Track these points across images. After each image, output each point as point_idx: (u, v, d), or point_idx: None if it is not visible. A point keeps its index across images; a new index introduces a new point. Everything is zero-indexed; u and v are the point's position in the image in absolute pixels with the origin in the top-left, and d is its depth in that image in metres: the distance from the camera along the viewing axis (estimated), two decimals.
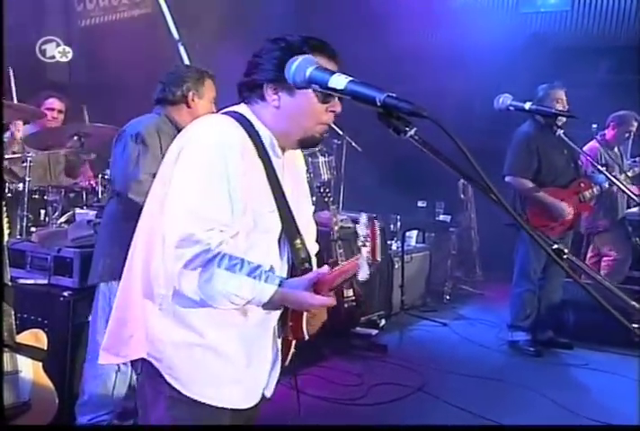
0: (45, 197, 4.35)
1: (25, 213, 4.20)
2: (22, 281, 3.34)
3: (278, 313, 1.89)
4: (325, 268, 1.80)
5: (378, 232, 1.79)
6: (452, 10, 8.04)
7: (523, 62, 7.50)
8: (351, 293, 4.97)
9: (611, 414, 3.98)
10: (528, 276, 5.19)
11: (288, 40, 1.80)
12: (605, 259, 6.10)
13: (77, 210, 3.76)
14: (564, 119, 5.00)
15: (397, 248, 5.97)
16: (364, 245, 1.74)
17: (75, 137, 4.42)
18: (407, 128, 1.30)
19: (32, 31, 8.33)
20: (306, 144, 1.88)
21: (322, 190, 5.03)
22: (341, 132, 6.35)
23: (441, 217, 6.90)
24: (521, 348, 5.17)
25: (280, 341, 1.96)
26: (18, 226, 4.19)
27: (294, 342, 1.99)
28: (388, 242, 5.93)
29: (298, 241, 1.87)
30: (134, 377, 3.28)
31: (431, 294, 6.45)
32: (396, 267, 5.80)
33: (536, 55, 7.57)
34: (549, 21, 8.33)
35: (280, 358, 1.98)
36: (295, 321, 1.88)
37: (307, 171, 5.79)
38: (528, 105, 2.16)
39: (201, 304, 1.73)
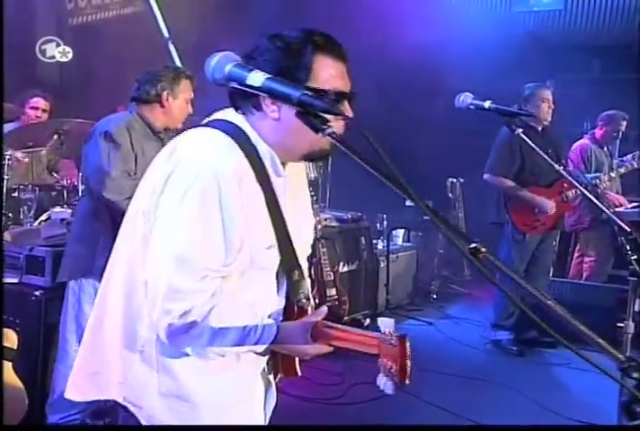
0: (28, 195, 4.34)
1: (4, 211, 4.19)
2: None
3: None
4: (324, 309, 1.68)
5: (409, 350, 1.56)
6: (444, 9, 8.02)
7: (517, 61, 7.49)
8: (333, 292, 4.96)
9: (593, 413, 3.97)
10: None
11: (288, 39, 1.56)
12: (586, 259, 6.10)
13: (54, 209, 3.74)
14: (549, 119, 5.15)
15: (383, 247, 5.96)
16: (389, 368, 1.56)
17: (56, 136, 4.42)
18: (325, 127, 1.26)
19: (25, 30, 8.34)
20: (313, 158, 1.67)
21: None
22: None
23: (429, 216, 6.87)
24: (504, 347, 5.17)
25: (271, 377, 1.82)
26: None
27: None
28: (374, 241, 5.92)
29: (297, 273, 1.70)
30: None
31: (417, 294, 6.44)
32: (382, 266, 5.79)
33: (529, 54, 7.56)
34: (543, 20, 8.32)
35: (273, 390, 1.85)
36: (287, 362, 1.76)
37: None
38: (487, 104, 2.15)
39: (187, 353, 1.59)
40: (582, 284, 5.82)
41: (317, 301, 4.91)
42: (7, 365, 3.10)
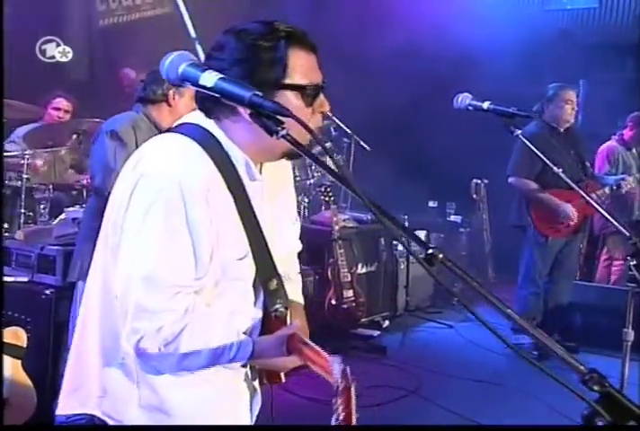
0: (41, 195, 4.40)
1: (22, 210, 4.26)
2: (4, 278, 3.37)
3: None
4: (295, 324, 1.65)
5: (353, 388, 1.44)
6: (475, 7, 7.93)
7: (548, 60, 7.39)
8: (350, 293, 4.93)
9: None
10: (532, 278, 5.10)
11: (257, 35, 1.46)
12: (615, 263, 5.96)
13: (68, 208, 3.78)
14: (572, 120, 5.05)
15: (403, 248, 5.90)
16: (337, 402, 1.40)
17: (75, 135, 4.47)
18: (279, 128, 1.22)
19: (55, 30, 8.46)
20: (292, 156, 1.58)
21: (323, 190, 5.00)
22: (349, 131, 6.31)
23: (452, 218, 6.81)
24: (525, 352, 5.06)
25: (256, 383, 1.76)
26: (16, 223, 4.26)
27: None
28: (394, 243, 5.87)
29: (274, 282, 1.64)
30: None
31: (439, 296, 6.36)
32: (402, 267, 5.74)
33: (561, 53, 7.44)
34: (576, 18, 8.20)
35: (258, 396, 1.79)
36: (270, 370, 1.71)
37: (315, 170, 5.76)
38: (486, 104, 2.09)
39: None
40: (609, 288, 5.69)
41: (334, 302, 4.89)
42: (17, 363, 3.14)
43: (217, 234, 1.49)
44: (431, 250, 1.08)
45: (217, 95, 1.28)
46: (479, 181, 6.93)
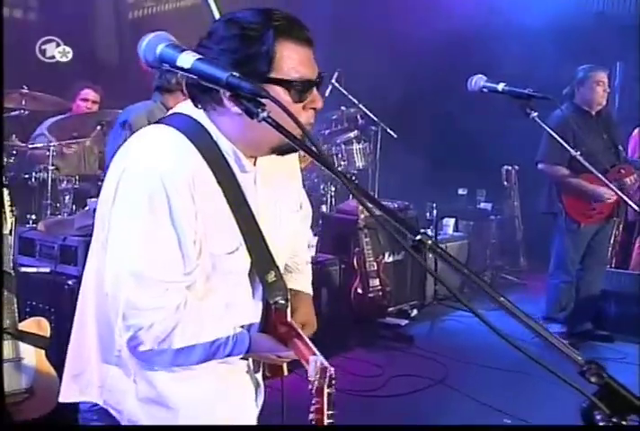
0: (73, 186, 4.44)
1: (49, 202, 4.29)
2: (25, 269, 3.41)
3: None
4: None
5: (328, 390, 1.46)
6: None
7: (585, 42, 7.21)
8: (376, 282, 4.89)
9: None
10: (564, 266, 5.00)
11: (244, 24, 1.40)
12: None
13: (91, 199, 3.80)
14: (604, 102, 4.91)
15: (432, 236, 5.83)
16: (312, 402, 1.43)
17: (99, 127, 4.49)
18: (259, 110, 1.17)
19: (87, 24, 8.54)
20: (282, 151, 1.52)
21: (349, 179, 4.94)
22: (376, 119, 6.26)
23: (482, 205, 6.71)
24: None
25: (258, 375, 1.74)
26: (42, 214, 4.31)
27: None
28: (422, 231, 5.81)
29: (272, 274, 1.59)
30: None
31: (469, 284, 6.28)
32: (430, 256, 5.65)
33: (598, 35, 7.25)
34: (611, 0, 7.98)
35: (262, 387, 1.76)
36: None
37: (342, 158, 5.72)
38: (501, 86, 2.02)
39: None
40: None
41: (360, 291, 4.85)
42: (40, 353, 3.16)
43: (204, 229, 1.46)
44: (419, 237, 1.03)
45: (195, 77, 1.24)
46: (510, 168, 6.81)
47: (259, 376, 1.74)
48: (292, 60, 1.42)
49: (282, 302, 1.62)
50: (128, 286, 1.42)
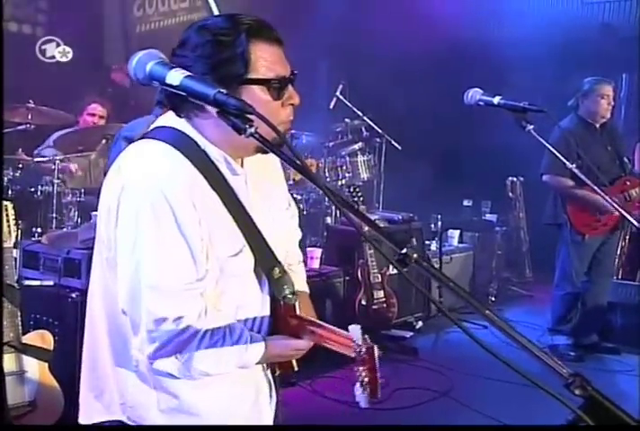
0: (77, 199, 4.47)
1: (54, 215, 4.32)
2: (29, 282, 3.43)
3: None
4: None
5: (377, 362, 1.54)
6: (515, 2, 7.80)
7: (589, 54, 7.22)
8: (381, 294, 4.89)
9: None
10: (569, 278, 4.99)
11: (216, 30, 1.45)
12: None
13: (94, 212, 3.82)
14: (608, 115, 4.91)
15: (437, 248, 5.83)
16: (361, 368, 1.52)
17: (104, 140, 4.52)
18: (247, 126, 1.19)
19: (96, 36, 8.61)
20: (265, 150, 1.51)
21: (351, 190, 4.96)
22: (380, 131, 6.28)
23: (487, 217, 6.70)
24: (562, 353, 4.96)
25: (268, 372, 1.78)
26: (48, 228, 4.34)
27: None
28: (427, 242, 5.81)
29: (277, 269, 1.63)
30: None
31: (475, 296, 6.26)
32: (437, 266, 5.66)
33: (603, 46, 7.27)
34: (617, 10, 7.99)
35: (272, 383, 1.80)
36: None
37: (346, 170, 5.73)
38: (496, 99, 2.03)
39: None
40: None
41: (364, 303, 4.85)
42: (44, 366, 3.18)
43: (208, 234, 1.48)
44: (404, 250, 1.04)
45: (183, 94, 1.26)
46: (515, 179, 6.82)
47: (270, 375, 1.76)
48: (266, 60, 1.47)
49: (290, 296, 1.65)
50: (147, 300, 1.44)
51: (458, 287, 1.05)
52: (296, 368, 1.75)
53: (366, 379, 1.52)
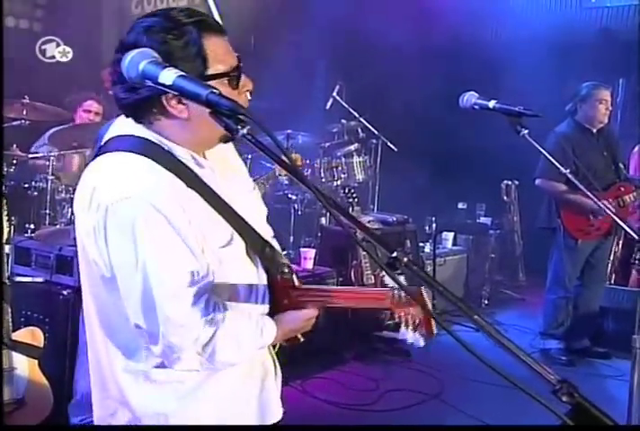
0: (71, 196, 4.46)
1: (47, 211, 4.31)
2: (20, 279, 3.41)
3: None
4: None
5: (429, 300, 1.60)
6: (512, 6, 7.81)
7: (587, 59, 7.23)
8: None
9: None
10: (562, 282, 5.00)
11: (166, 31, 1.42)
12: None
13: None
14: (605, 120, 4.91)
15: (430, 250, 5.83)
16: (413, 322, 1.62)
17: None
18: (239, 127, 1.19)
19: (89, 34, 8.60)
20: (229, 138, 1.59)
21: (346, 191, 4.96)
22: (376, 132, 6.28)
23: (482, 219, 6.71)
24: (553, 357, 4.97)
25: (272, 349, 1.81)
26: (41, 224, 4.32)
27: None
28: (421, 245, 5.81)
29: (267, 249, 1.66)
30: None
31: (468, 299, 6.26)
32: (428, 269, 5.66)
33: (601, 52, 7.28)
34: (616, 16, 7.99)
35: (277, 364, 1.83)
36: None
37: (342, 171, 5.73)
38: (492, 103, 2.03)
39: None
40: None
41: None
42: (33, 363, 3.16)
43: (200, 232, 1.50)
44: (394, 254, 1.03)
45: (175, 93, 1.26)
46: (510, 183, 6.82)
47: (273, 352, 1.79)
48: (219, 53, 1.47)
49: (286, 269, 1.67)
50: (167, 309, 1.44)
51: (447, 292, 1.04)
52: (301, 339, 1.76)
53: (416, 320, 1.61)
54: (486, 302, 6.36)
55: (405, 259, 1.04)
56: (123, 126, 1.54)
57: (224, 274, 1.57)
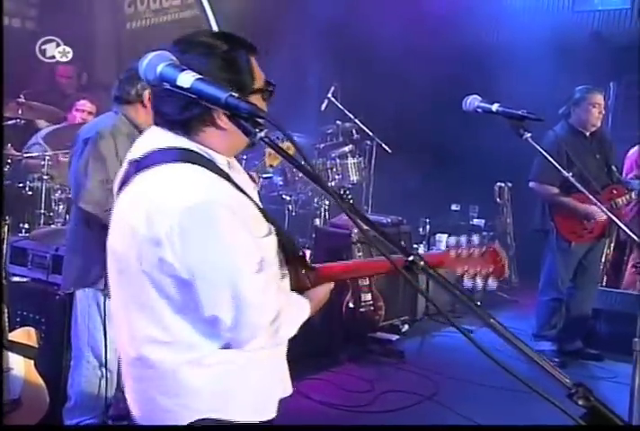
0: (67, 196, 4.44)
1: (42, 211, 4.29)
2: (16, 279, 3.40)
3: None
4: None
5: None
6: (503, 9, 7.84)
7: (579, 62, 7.27)
8: (368, 297, 4.89)
9: None
10: (554, 284, 5.02)
11: (224, 49, 1.58)
12: None
13: None
14: (598, 124, 4.94)
15: (424, 252, 5.84)
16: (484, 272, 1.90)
17: None
18: (257, 130, 1.20)
19: (83, 33, 8.56)
20: (253, 144, 1.63)
21: (341, 192, 4.95)
22: (371, 134, 6.29)
23: (475, 221, 6.73)
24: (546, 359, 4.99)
25: None
26: (36, 224, 4.30)
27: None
28: (415, 246, 5.82)
29: (285, 236, 1.79)
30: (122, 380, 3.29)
31: (460, 301, 6.28)
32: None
33: (592, 55, 7.32)
34: (607, 19, 8.04)
35: None
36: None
37: (336, 172, 5.74)
38: (495, 107, 2.04)
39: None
40: (634, 294, 5.56)
41: (352, 305, 4.85)
42: (29, 363, 3.15)
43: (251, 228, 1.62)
44: (411, 257, 1.04)
45: (193, 96, 1.26)
46: (503, 185, 6.84)
47: None
48: (258, 71, 1.64)
49: (299, 249, 1.83)
50: (247, 296, 1.56)
51: (464, 295, 1.05)
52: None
53: (491, 270, 1.88)
54: (479, 303, 6.35)
55: (422, 263, 1.04)
56: (158, 138, 1.62)
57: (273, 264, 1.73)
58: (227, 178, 1.61)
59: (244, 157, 5.10)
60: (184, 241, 1.51)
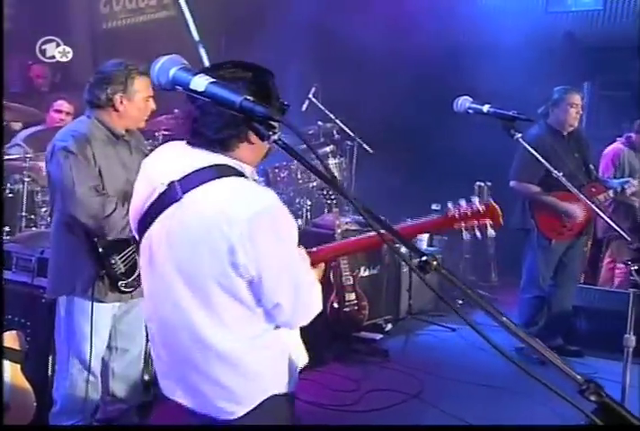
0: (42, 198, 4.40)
1: (24, 213, 4.25)
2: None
3: None
4: None
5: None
6: (477, 10, 7.90)
7: (553, 63, 7.34)
8: (352, 296, 4.91)
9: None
10: (536, 282, 5.08)
11: (265, 75, 1.80)
12: (619, 266, 5.92)
13: None
14: (575, 124, 5.01)
15: (406, 251, 5.87)
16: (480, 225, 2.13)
17: None
18: (271, 133, 1.22)
19: (58, 32, 8.48)
20: (269, 153, 1.95)
21: (325, 193, 4.98)
22: (352, 134, 6.31)
23: None
24: (527, 355, 5.04)
25: None
26: (18, 227, 4.26)
27: None
28: (397, 246, 5.85)
29: None
30: (109, 384, 3.27)
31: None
32: (404, 270, 5.70)
33: (566, 55, 7.40)
34: (581, 20, 8.12)
35: None
36: None
37: None
38: (486, 108, 2.07)
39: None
40: (612, 291, 5.65)
41: (336, 305, 4.87)
42: (15, 368, 3.13)
43: None
44: (425, 257, 1.06)
45: (207, 99, 1.27)
46: (482, 184, 6.88)
47: None
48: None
49: None
50: (304, 285, 1.86)
51: (474, 293, 1.07)
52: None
53: (487, 221, 2.07)
54: (460, 301, 6.41)
55: (435, 263, 1.06)
56: (195, 157, 1.75)
57: None
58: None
59: None
60: (254, 243, 1.67)
